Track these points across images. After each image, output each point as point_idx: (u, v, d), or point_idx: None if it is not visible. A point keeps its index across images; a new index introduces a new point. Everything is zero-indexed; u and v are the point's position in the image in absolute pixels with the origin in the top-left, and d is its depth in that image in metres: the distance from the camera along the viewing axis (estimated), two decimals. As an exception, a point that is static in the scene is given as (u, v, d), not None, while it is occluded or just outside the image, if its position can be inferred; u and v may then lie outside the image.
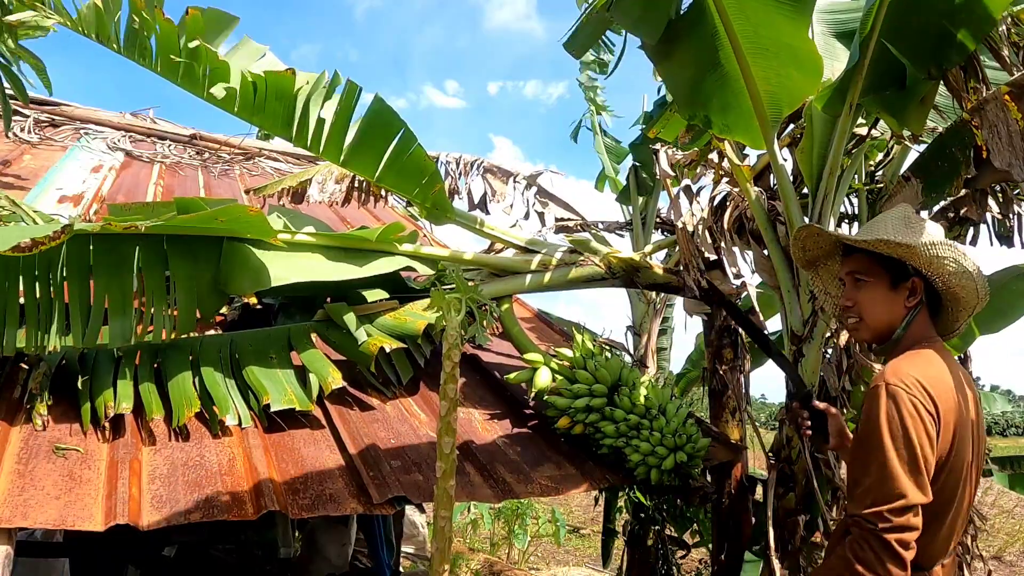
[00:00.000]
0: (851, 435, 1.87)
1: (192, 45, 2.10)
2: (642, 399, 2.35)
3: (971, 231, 3.01)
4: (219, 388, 2.11)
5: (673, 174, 2.63)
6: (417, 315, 2.50)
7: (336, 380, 2.18)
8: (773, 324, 5.44)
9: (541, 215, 3.58)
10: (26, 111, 5.02)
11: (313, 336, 2.40)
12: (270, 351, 2.31)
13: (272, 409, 2.07)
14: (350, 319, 2.34)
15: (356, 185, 3.36)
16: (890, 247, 1.56)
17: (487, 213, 3.50)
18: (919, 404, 1.41)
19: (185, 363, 2.19)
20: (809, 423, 1.90)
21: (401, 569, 5.03)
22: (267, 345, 2.34)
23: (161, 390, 2.11)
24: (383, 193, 3.70)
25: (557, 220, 3.63)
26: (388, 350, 2.32)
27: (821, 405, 1.89)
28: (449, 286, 2.52)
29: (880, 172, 2.91)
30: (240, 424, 2.04)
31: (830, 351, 2.63)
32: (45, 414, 1.91)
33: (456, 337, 1.72)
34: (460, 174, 3.63)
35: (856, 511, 1.41)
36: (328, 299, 2.57)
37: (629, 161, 4.75)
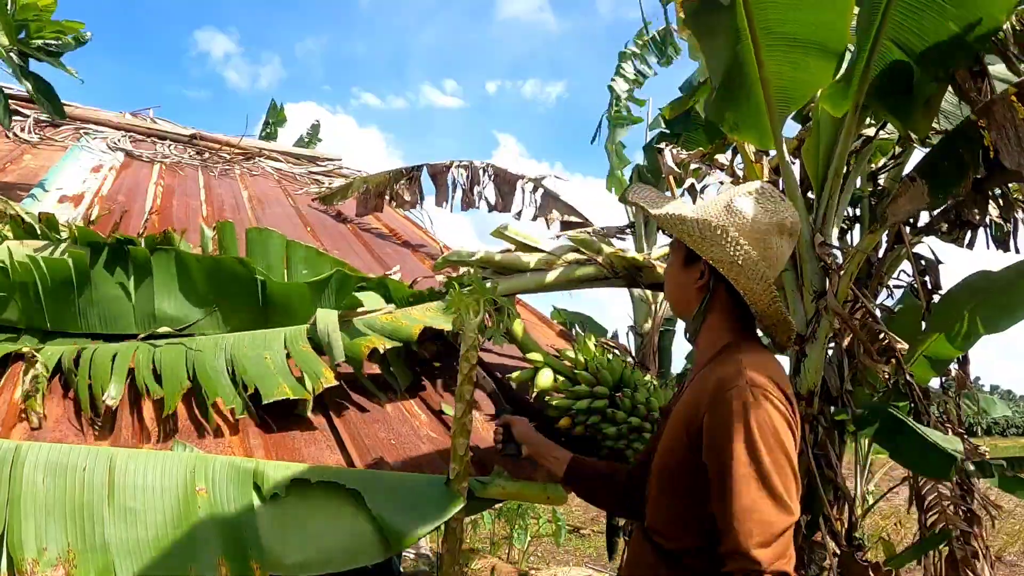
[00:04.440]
0: (544, 442, 1.83)
1: None
2: (644, 401, 2.34)
3: (968, 234, 3.00)
4: (216, 387, 2.10)
5: (679, 171, 2.62)
6: (412, 318, 2.48)
7: (328, 379, 2.15)
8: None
9: (547, 219, 3.63)
10: (26, 111, 5.01)
11: (309, 339, 2.38)
12: (265, 353, 2.29)
13: (265, 400, 2.04)
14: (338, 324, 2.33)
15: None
16: (661, 219, 1.43)
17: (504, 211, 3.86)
18: (783, 407, 1.28)
19: (181, 362, 2.18)
20: (501, 435, 1.89)
21: (402, 569, 5.01)
22: (263, 347, 2.32)
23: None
24: (388, 200, 4.10)
25: (562, 223, 3.66)
26: (383, 351, 2.29)
27: (501, 420, 1.90)
28: (446, 289, 2.51)
29: (883, 175, 2.90)
30: (235, 414, 2.02)
31: (831, 351, 2.62)
32: (41, 412, 1.90)
33: (474, 339, 1.71)
34: (471, 183, 3.91)
35: (737, 547, 1.20)
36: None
37: (632, 163, 4.78)
